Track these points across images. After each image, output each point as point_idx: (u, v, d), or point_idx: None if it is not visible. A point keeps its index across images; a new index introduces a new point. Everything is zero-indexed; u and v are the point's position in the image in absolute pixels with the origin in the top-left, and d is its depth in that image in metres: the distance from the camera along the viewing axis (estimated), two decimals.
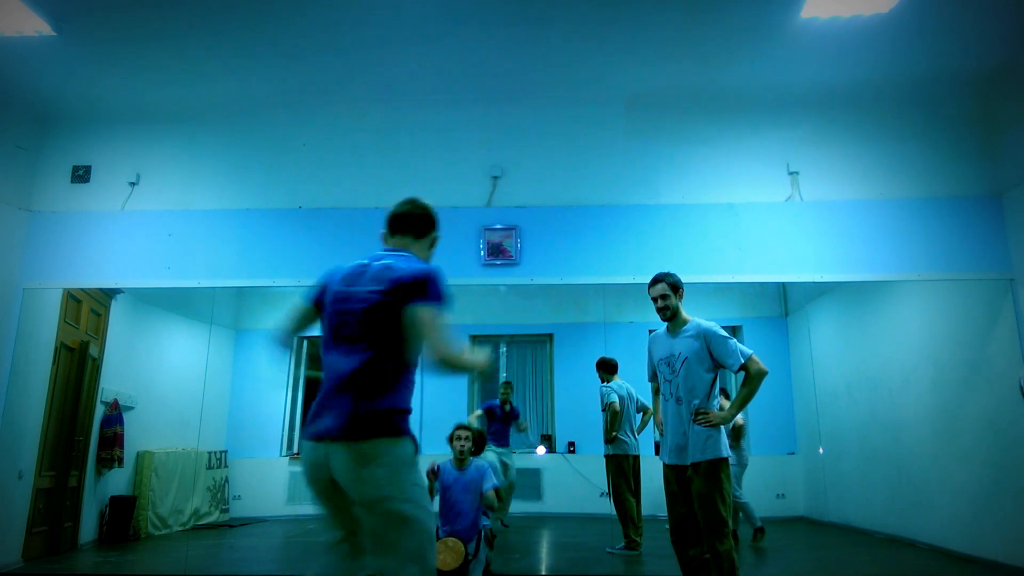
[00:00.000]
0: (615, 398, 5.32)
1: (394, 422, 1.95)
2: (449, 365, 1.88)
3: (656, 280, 3.30)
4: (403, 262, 2.05)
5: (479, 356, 2.01)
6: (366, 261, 2.11)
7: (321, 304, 2.18)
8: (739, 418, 5.58)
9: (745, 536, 5.56)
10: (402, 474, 1.92)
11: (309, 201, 5.11)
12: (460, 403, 7.10)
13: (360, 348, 1.98)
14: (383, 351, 1.97)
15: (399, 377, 1.99)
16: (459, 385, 7.13)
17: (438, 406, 7.16)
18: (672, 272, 3.33)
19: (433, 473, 4.05)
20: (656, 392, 3.47)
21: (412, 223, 2.20)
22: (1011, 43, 4.41)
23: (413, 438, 2.00)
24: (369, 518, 1.92)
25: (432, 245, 2.26)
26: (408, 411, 2.00)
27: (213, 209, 5.10)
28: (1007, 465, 4.54)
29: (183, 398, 6.22)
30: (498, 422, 6.38)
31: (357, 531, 2.02)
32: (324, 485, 2.01)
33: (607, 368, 5.44)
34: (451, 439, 4.12)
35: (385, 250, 2.19)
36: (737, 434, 5.53)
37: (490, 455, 6.18)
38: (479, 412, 6.53)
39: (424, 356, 1.95)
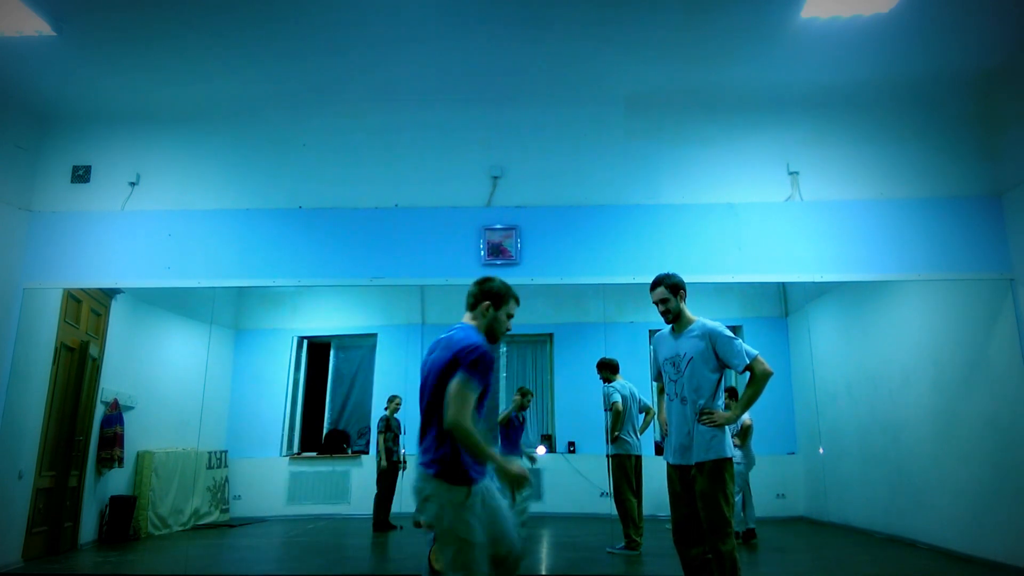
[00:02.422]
0: (618, 398, 5.32)
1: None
2: (459, 435, 2.23)
3: (656, 283, 3.28)
4: (460, 333, 2.42)
5: (512, 466, 2.31)
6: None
7: None
8: (747, 418, 5.59)
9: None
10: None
11: (309, 201, 5.10)
12: None
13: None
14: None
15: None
16: None
17: None
18: (672, 273, 3.31)
19: None
20: (660, 392, 3.47)
21: (469, 298, 2.58)
22: (1011, 43, 4.42)
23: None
24: None
25: (485, 314, 2.52)
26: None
27: (213, 209, 5.09)
28: (1007, 465, 4.53)
29: (183, 398, 6.21)
30: (514, 430, 6.27)
31: None
32: None
33: (610, 368, 5.44)
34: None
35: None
36: (745, 433, 5.54)
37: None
38: (504, 415, 6.46)
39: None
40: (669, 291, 3.24)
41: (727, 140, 5.05)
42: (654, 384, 3.59)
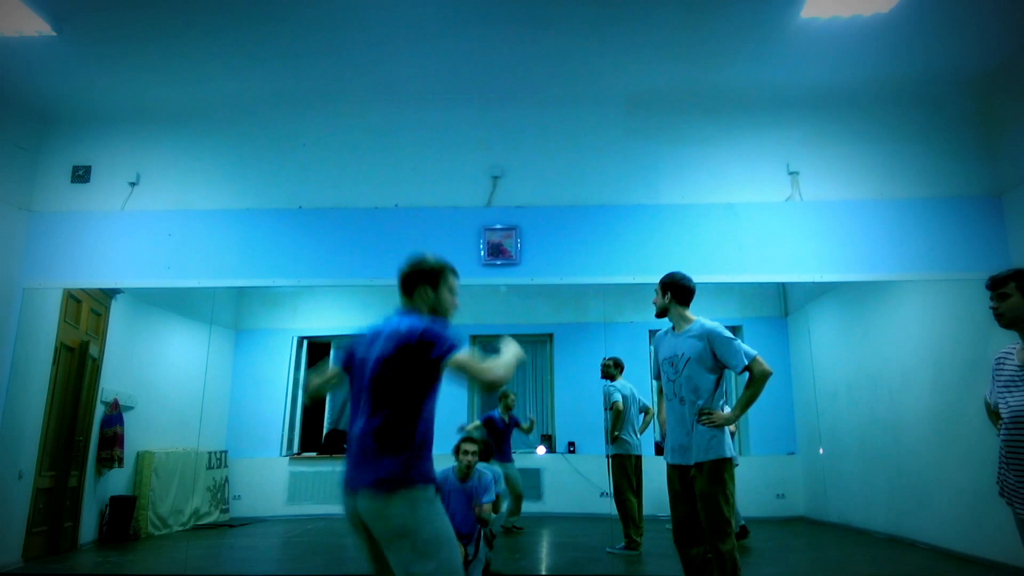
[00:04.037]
0: (619, 397, 5.32)
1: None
2: (505, 380, 2.07)
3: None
4: (405, 321, 2.16)
5: (512, 348, 2.18)
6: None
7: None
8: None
9: None
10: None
11: (309, 201, 5.10)
12: (460, 409, 7.09)
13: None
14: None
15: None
16: (458, 392, 7.13)
17: (438, 406, 7.17)
18: (677, 272, 3.36)
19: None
20: (660, 392, 3.47)
21: (400, 286, 2.32)
22: (1011, 43, 4.41)
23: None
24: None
25: (424, 298, 2.27)
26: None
27: (213, 209, 5.09)
28: None
29: (183, 398, 6.21)
30: (499, 434, 6.18)
31: None
32: None
33: (617, 367, 5.45)
34: (457, 451, 4.11)
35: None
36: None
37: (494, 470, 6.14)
38: (477, 423, 6.46)
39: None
40: (660, 287, 3.34)
41: (727, 140, 5.05)
42: (655, 384, 3.59)
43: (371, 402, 2.11)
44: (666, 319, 3.38)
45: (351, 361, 2.25)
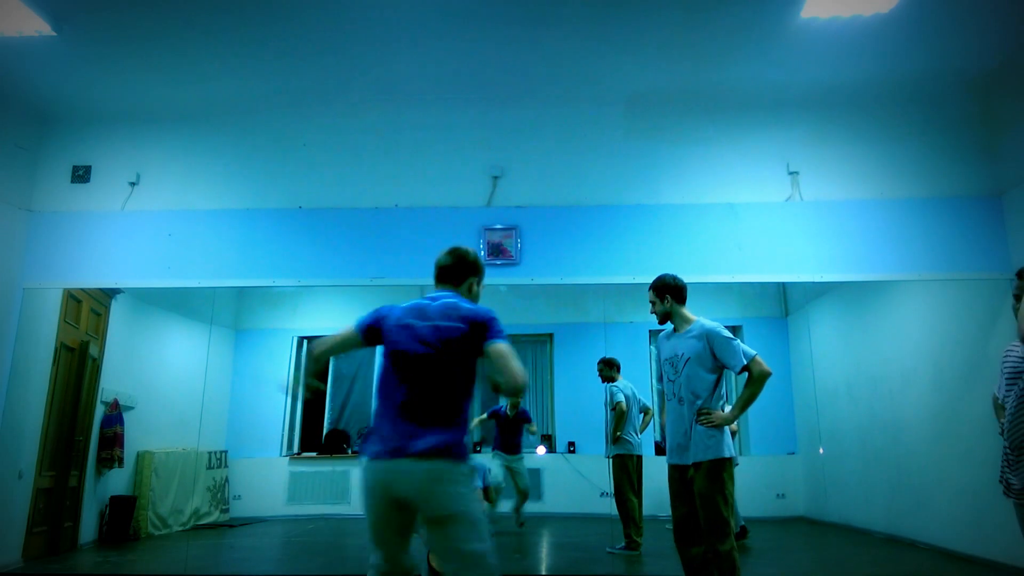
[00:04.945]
0: (622, 398, 5.32)
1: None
2: (523, 390, 2.10)
3: (650, 287, 3.36)
4: (463, 302, 2.29)
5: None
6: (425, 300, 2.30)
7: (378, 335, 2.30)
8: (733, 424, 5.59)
9: None
10: None
11: (309, 201, 5.10)
12: None
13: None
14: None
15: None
16: None
17: None
18: (668, 275, 3.34)
19: None
20: (663, 393, 3.48)
21: (448, 270, 2.45)
22: (1011, 43, 4.41)
23: None
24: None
25: (471, 292, 2.44)
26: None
27: (213, 209, 5.09)
28: None
29: (183, 398, 6.22)
30: (504, 427, 6.22)
31: None
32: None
33: (611, 367, 5.44)
34: None
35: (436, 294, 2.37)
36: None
37: (495, 463, 6.14)
38: (483, 416, 6.47)
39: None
40: (655, 293, 3.31)
41: (727, 140, 5.05)
42: (658, 385, 3.60)
43: (426, 374, 2.14)
44: (666, 322, 3.37)
45: (379, 331, 2.27)
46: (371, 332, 2.29)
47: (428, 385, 2.14)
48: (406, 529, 2.15)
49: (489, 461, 4.25)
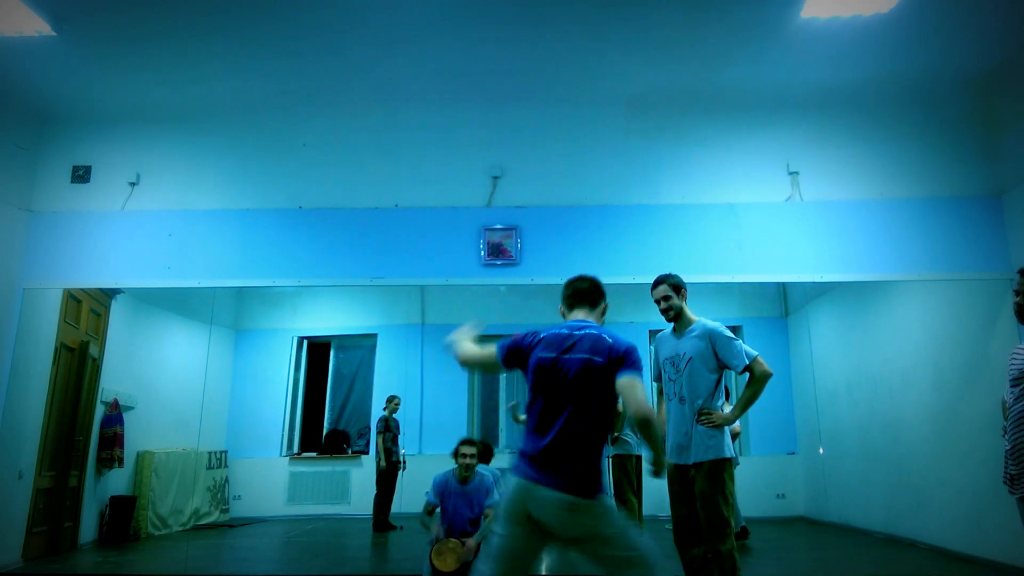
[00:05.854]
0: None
1: None
2: (651, 424, 2.16)
3: (658, 282, 3.29)
4: (605, 333, 2.34)
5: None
6: (565, 331, 2.36)
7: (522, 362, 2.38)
8: (736, 424, 5.59)
9: None
10: None
11: (309, 201, 5.10)
12: (460, 404, 7.10)
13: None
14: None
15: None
16: (459, 386, 7.14)
17: (438, 407, 7.19)
18: (673, 273, 3.32)
19: (429, 513, 4.05)
20: (660, 392, 3.47)
21: (585, 295, 2.58)
22: (1011, 43, 4.41)
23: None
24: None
25: (603, 315, 2.57)
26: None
27: (213, 209, 5.09)
28: None
29: (183, 398, 6.22)
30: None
31: None
32: None
33: None
34: (456, 454, 4.11)
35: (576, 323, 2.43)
36: (733, 438, 5.53)
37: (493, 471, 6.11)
38: (515, 402, 6.37)
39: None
40: (671, 289, 3.25)
41: (727, 140, 5.05)
42: (654, 385, 3.59)
43: (580, 406, 2.21)
44: (666, 320, 3.36)
45: (520, 358, 2.35)
46: (512, 359, 2.38)
47: (584, 418, 2.21)
48: (535, 551, 2.23)
49: (488, 469, 4.25)
